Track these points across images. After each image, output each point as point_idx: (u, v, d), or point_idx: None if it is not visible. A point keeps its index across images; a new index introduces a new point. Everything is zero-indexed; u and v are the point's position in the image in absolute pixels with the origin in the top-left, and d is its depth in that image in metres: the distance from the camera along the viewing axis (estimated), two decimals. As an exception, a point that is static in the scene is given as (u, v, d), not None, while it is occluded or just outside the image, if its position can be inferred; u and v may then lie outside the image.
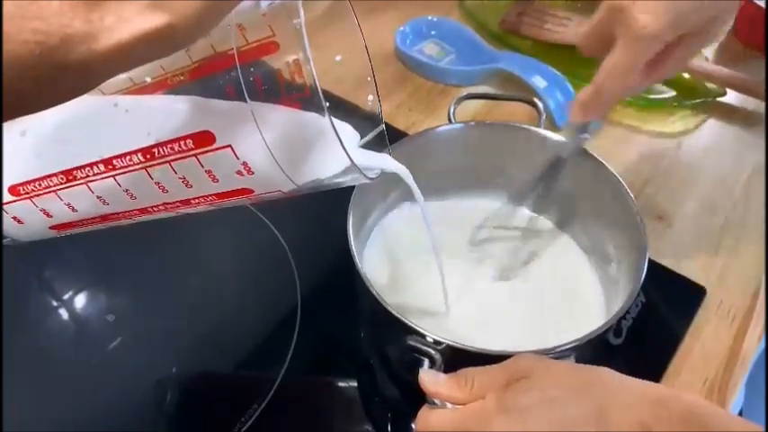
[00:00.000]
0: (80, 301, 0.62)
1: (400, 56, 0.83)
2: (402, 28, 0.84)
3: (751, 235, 0.64)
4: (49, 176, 0.35)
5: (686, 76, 0.76)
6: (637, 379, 0.36)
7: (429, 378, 0.39)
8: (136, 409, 0.53)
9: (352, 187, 0.51)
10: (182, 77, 0.32)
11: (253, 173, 0.32)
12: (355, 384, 0.55)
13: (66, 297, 0.62)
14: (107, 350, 0.57)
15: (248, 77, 0.30)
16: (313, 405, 0.54)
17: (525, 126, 0.58)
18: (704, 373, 0.55)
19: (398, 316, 0.43)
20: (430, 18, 0.86)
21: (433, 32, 0.85)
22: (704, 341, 0.57)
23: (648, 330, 0.57)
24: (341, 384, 0.55)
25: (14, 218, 0.37)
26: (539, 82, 0.73)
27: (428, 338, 0.42)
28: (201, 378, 0.57)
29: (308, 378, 0.56)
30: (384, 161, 0.39)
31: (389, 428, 0.53)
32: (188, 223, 0.63)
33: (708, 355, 0.56)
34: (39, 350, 0.57)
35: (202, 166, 0.32)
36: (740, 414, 0.63)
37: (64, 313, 0.61)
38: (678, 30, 0.46)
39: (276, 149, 0.30)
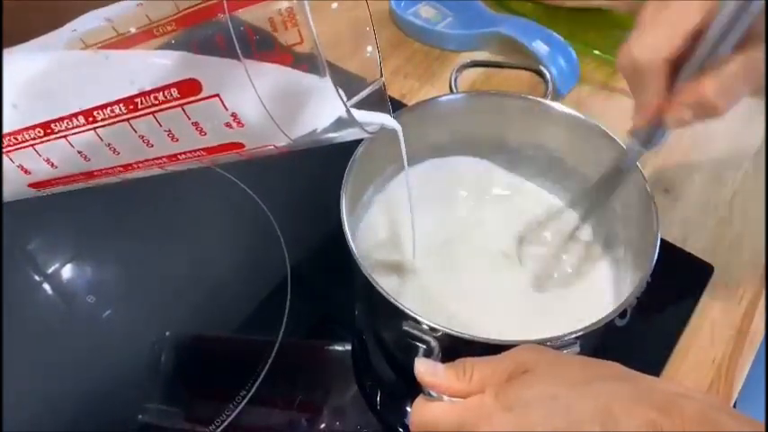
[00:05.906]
0: (67, 271, 0.63)
1: (395, 19, 0.83)
2: (397, -11, 0.83)
3: (760, 208, 0.64)
4: (26, 129, 0.34)
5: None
6: (648, 376, 0.35)
7: (426, 368, 0.38)
8: (132, 373, 0.55)
9: (340, 162, 0.51)
10: (168, 27, 0.32)
11: (243, 125, 0.32)
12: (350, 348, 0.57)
13: (52, 269, 0.63)
14: (99, 320, 0.59)
15: (238, 26, 0.30)
16: (311, 371, 0.56)
17: (532, 97, 0.57)
18: (711, 354, 0.55)
19: (393, 300, 0.43)
20: (426, -22, 0.85)
21: (429, -7, 0.85)
22: (712, 321, 0.57)
23: (654, 310, 0.57)
24: (338, 348, 0.57)
25: (-10, 174, 0.37)
26: (540, 47, 0.72)
27: (424, 325, 0.42)
28: (196, 342, 0.59)
29: (303, 345, 0.57)
30: (380, 116, 0.39)
31: (379, 398, 0.54)
32: (169, 196, 0.65)
33: (715, 335, 0.56)
34: (30, 318, 0.59)
35: (189, 118, 0.32)
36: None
37: (50, 285, 0.62)
38: None
39: (267, 98, 0.30)
